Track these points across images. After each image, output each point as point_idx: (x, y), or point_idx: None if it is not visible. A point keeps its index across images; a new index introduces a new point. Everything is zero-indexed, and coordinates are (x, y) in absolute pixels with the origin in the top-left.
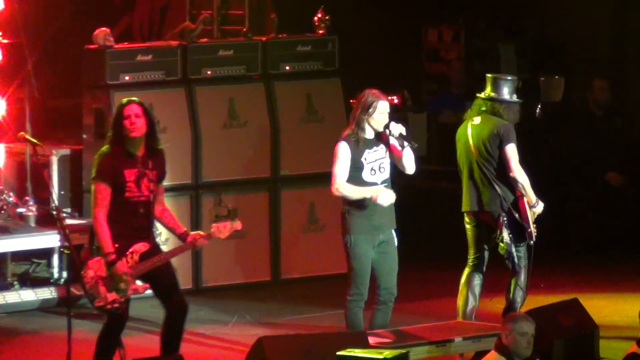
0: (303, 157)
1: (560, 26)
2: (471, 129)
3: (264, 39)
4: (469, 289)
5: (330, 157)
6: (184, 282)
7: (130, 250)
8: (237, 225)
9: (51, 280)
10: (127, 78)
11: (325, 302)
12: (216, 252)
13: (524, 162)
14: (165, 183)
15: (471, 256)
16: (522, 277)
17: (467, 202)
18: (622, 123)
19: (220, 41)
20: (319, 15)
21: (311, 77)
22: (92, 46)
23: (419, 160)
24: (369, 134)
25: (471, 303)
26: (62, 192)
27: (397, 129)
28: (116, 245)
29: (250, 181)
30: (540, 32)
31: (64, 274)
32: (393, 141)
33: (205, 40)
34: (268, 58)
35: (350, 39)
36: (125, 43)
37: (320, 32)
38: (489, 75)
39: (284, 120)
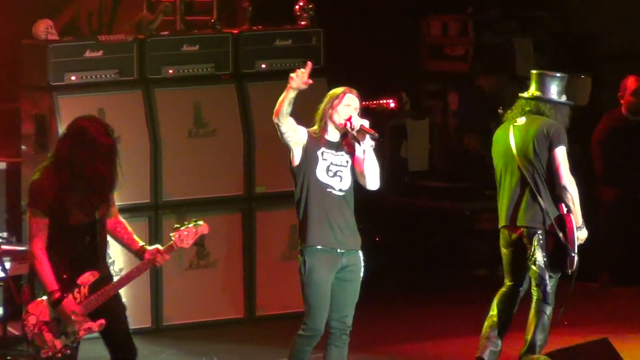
0: (282, 171)
1: (586, 16)
2: (514, 130)
3: (235, 31)
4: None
5: None
6: (142, 319)
7: (77, 282)
8: (203, 229)
9: None
10: (73, 78)
11: None
12: (179, 284)
13: None
14: (119, 203)
15: (507, 283)
16: (548, 313)
17: (503, 217)
18: None
19: (184, 34)
20: (301, 4)
21: None
22: (31, 41)
23: (419, 175)
24: (332, 136)
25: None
26: None
27: (358, 121)
28: (64, 277)
29: (220, 200)
30: (562, 24)
31: (0, 311)
32: (358, 150)
33: (166, 33)
34: (240, 54)
35: (337, 32)
36: (71, 37)
37: (303, 23)
38: (533, 71)
39: (260, 127)
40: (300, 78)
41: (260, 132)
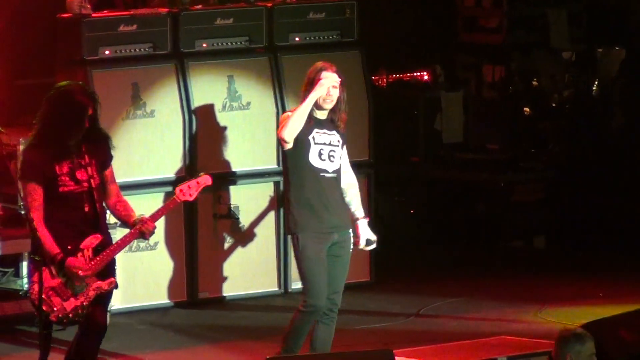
0: None
1: None
2: None
3: (269, 4)
4: None
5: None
6: (177, 293)
7: (80, 246)
8: (206, 180)
9: (20, 293)
10: (107, 52)
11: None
12: (215, 258)
13: (576, 148)
14: (152, 177)
15: None
16: None
17: None
18: None
19: (218, 8)
20: None
21: (326, 50)
22: (66, 15)
23: (454, 147)
24: (320, 114)
25: None
26: None
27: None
28: (69, 248)
29: (255, 173)
30: None
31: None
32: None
33: (199, 6)
34: (274, 27)
35: (371, 4)
36: (105, 11)
37: None
38: None
39: (294, 100)
40: (332, 80)
41: (294, 104)
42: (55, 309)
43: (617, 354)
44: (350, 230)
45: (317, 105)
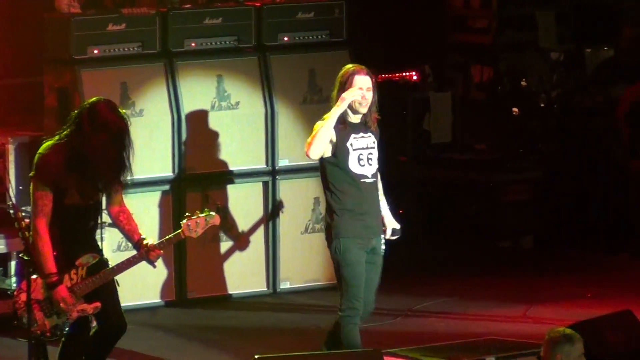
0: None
1: None
2: None
3: (258, 4)
4: None
5: None
6: (166, 293)
7: (76, 263)
8: (215, 220)
9: (8, 293)
10: (96, 51)
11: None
12: (203, 257)
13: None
14: (141, 176)
15: None
16: None
17: None
18: None
19: (207, 7)
20: None
21: (314, 50)
22: (54, 14)
23: (442, 147)
24: (354, 117)
25: None
26: (20, 187)
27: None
28: (54, 253)
29: (243, 173)
30: None
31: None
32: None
33: (188, 6)
34: (263, 27)
35: (360, 4)
36: (94, 10)
37: None
38: None
39: (283, 100)
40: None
41: (283, 104)
42: (36, 323)
43: (602, 355)
44: (383, 236)
45: (353, 110)
